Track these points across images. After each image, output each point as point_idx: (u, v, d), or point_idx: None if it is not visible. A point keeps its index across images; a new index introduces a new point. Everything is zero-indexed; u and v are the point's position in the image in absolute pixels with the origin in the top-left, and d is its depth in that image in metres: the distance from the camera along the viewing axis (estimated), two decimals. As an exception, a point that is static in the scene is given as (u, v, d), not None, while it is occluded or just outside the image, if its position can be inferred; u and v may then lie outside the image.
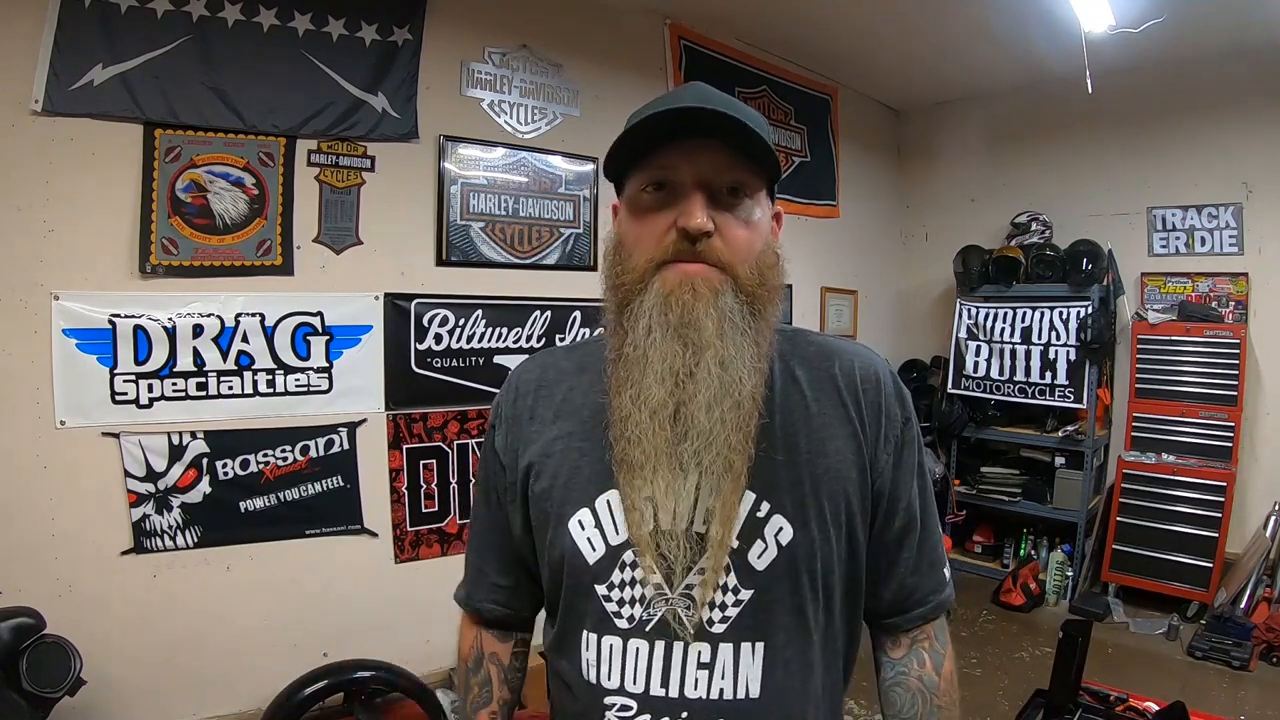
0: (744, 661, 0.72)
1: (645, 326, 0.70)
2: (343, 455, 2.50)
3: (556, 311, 2.98)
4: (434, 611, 2.61)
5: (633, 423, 0.70)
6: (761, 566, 0.72)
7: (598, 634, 0.75)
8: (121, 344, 2.11)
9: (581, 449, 0.78)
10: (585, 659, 0.76)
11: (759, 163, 0.72)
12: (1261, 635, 3.03)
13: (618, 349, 0.73)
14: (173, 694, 2.21)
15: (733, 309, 0.70)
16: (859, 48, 3.81)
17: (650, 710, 0.73)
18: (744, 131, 0.69)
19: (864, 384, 0.78)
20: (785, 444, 0.75)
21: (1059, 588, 3.73)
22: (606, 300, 0.77)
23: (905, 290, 4.92)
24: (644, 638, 0.73)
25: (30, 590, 1.95)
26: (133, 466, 2.14)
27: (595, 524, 0.75)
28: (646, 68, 3.30)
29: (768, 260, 0.75)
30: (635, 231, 0.74)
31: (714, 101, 0.70)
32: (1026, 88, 4.19)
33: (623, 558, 0.74)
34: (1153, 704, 1.80)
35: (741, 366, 0.70)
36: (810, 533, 0.73)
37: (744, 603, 0.72)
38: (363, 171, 2.52)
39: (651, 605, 0.73)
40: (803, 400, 0.77)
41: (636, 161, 0.73)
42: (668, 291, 0.70)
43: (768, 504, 0.73)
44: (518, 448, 0.81)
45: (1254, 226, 3.62)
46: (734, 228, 0.72)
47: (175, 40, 2.14)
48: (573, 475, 0.77)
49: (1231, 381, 3.49)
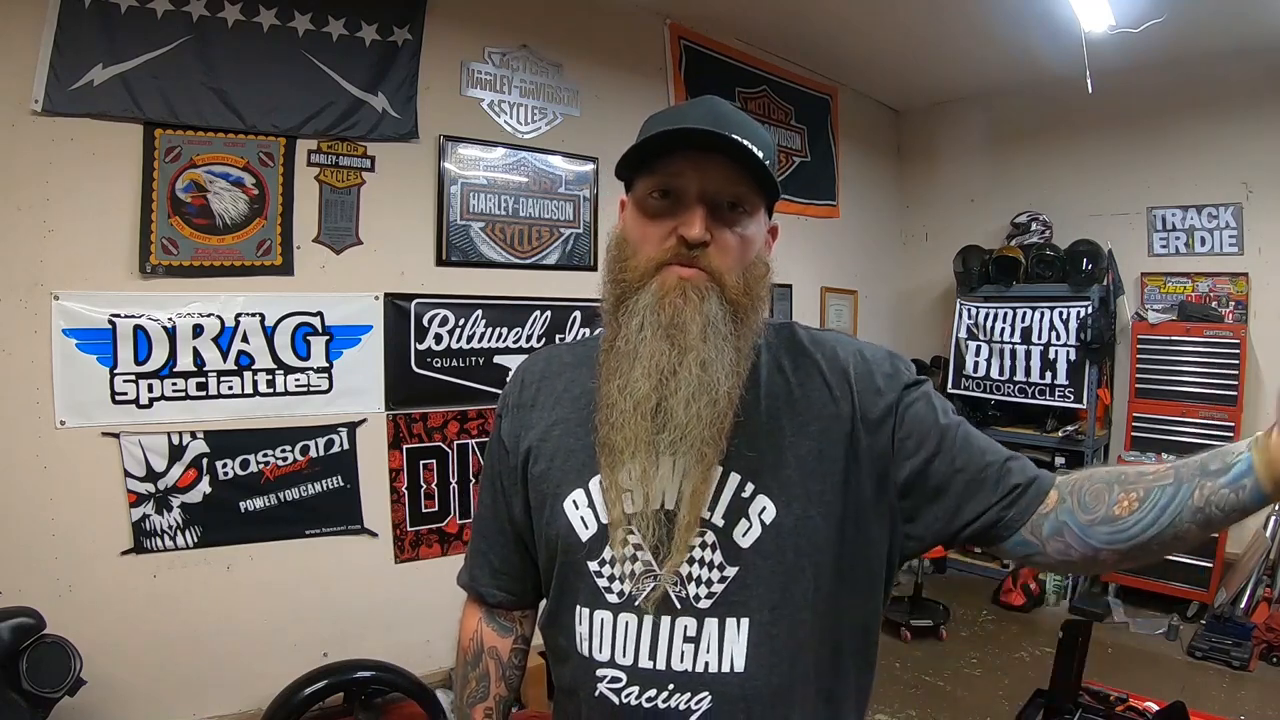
0: (729, 636, 0.75)
1: (638, 323, 0.75)
2: (343, 455, 2.50)
3: (556, 311, 2.98)
4: (434, 611, 2.61)
5: (618, 410, 0.75)
6: (746, 544, 0.76)
7: (590, 608, 0.79)
8: (121, 344, 2.11)
9: (577, 434, 0.83)
10: (579, 632, 0.80)
11: (760, 182, 0.77)
12: (1261, 635, 3.03)
13: (611, 340, 0.78)
14: (173, 694, 2.21)
15: (717, 315, 0.75)
16: (859, 48, 3.81)
17: (639, 682, 0.76)
18: (746, 153, 0.73)
19: (846, 361, 0.82)
20: (770, 428, 0.79)
21: (1059, 588, 3.73)
22: (605, 293, 0.81)
23: (905, 290, 4.92)
24: (633, 612, 0.77)
25: (30, 590, 1.95)
26: (133, 466, 2.14)
27: (589, 503, 0.80)
28: (646, 68, 3.30)
29: (756, 272, 0.79)
30: (640, 232, 0.79)
31: (726, 125, 0.74)
32: (1026, 88, 4.19)
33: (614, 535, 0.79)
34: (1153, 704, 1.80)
35: (720, 368, 0.74)
36: (794, 510, 0.76)
37: (729, 579, 0.76)
38: (363, 171, 2.52)
39: (640, 581, 0.77)
40: (787, 386, 0.81)
41: (647, 165, 0.77)
42: (663, 293, 0.75)
43: (752, 485, 0.77)
44: (519, 433, 0.87)
45: (1254, 226, 3.62)
46: (728, 240, 0.76)
47: (175, 40, 2.14)
48: (568, 458, 0.83)
49: (1231, 381, 3.49)
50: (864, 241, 4.60)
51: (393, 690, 2.24)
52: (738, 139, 0.72)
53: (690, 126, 0.74)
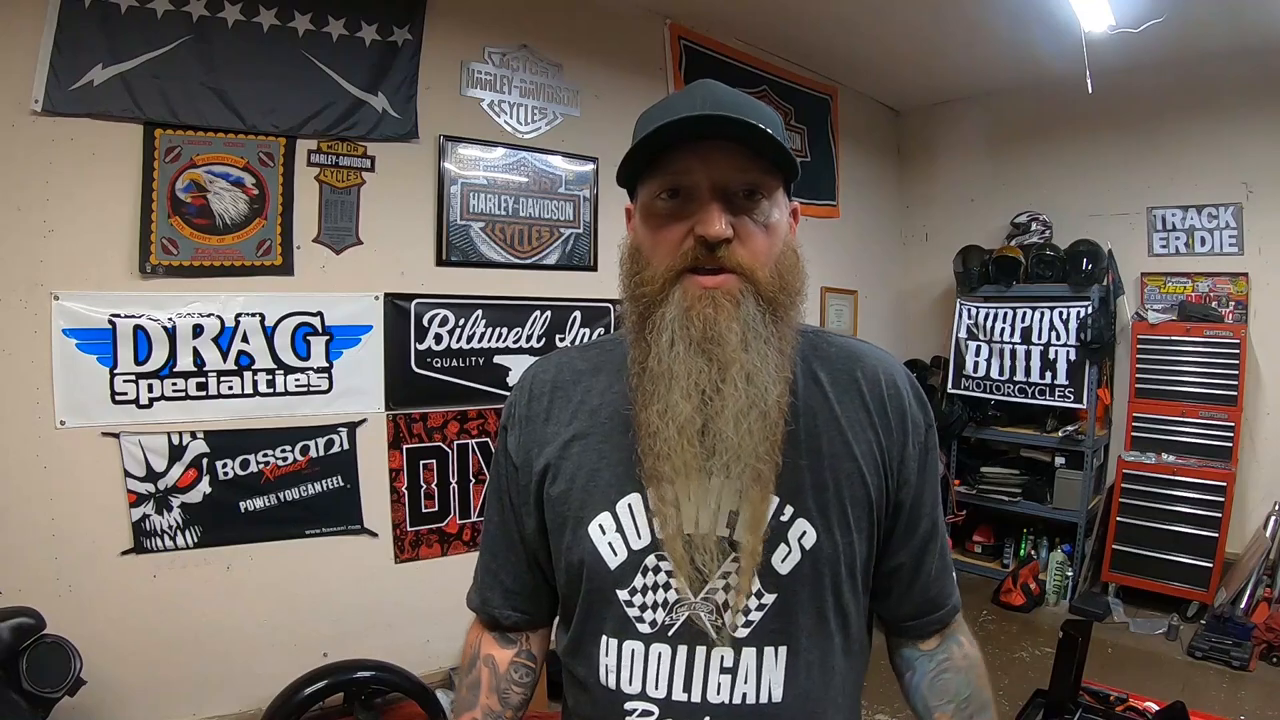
0: (767, 665, 0.72)
1: (669, 340, 0.69)
2: (343, 455, 2.50)
3: (556, 311, 2.98)
4: (434, 611, 2.60)
5: (661, 438, 0.69)
6: (785, 570, 0.72)
7: (618, 639, 0.75)
8: (121, 344, 2.11)
9: (601, 451, 0.77)
10: (604, 664, 0.75)
11: (774, 162, 0.71)
12: (1261, 635, 3.02)
13: (641, 361, 0.72)
14: (173, 694, 2.21)
15: (755, 318, 0.69)
16: (859, 48, 3.80)
17: (672, 715, 0.72)
18: (758, 134, 0.67)
19: (887, 389, 0.78)
20: (809, 447, 0.74)
21: (1059, 588, 3.73)
22: (626, 310, 0.76)
23: (905, 290, 4.92)
24: (666, 642, 0.73)
25: (30, 590, 1.95)
26: (133, 466, 2.14)
27: (616, 528, 0.74)
28: (646, 68, 3.30)
29: (788, 262, 0.73)
30: (652, 240, 0.72)
31: (726, 106, 0.68)
32: (1026, 88, 4.18)
33: (645, 562, 0.73)
34: (1153, 704, 1.80)
35: (766, 376, 0.69)
36: (834, 536, 0.73)
37: (767, 607, 0.72)
38: (363, 171, 2.52)
39: (674, 610, 0.73)
40: (826, 402, 0.76)
41: (648, 166, 0.72)
42: (689, 304, 0.69)
43: (791, 508, 0.73)
44: (531, 449, 0.80)
45: (1254, 226, 3.61)
46: (753, 232, 0.70)
47: (175, 40, 2.14)
48: (591, 478, 0.76)
49: (1231, 381, 3.49)
50: (864, 241, 4.60)
51: (393, 690, 2.24)
52: (742, 118, 0.66)
53: (687, 115, 0.67)
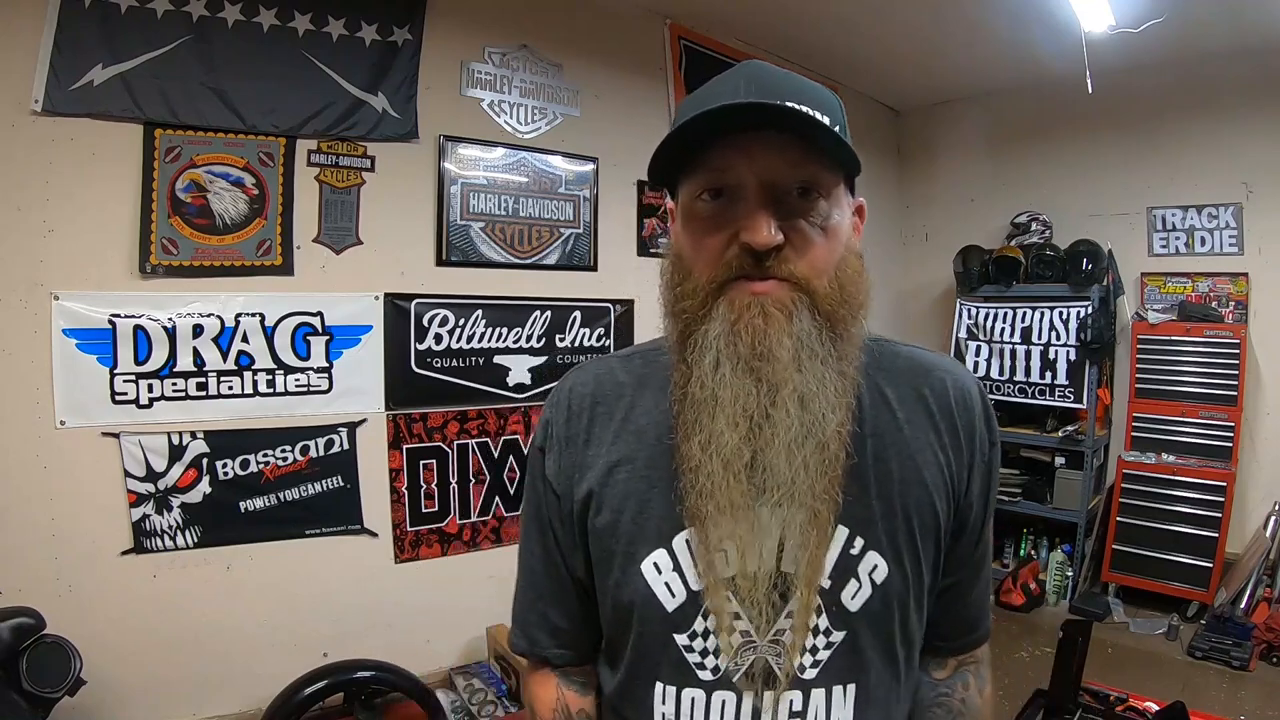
0: (835, 705, 0.68)
1: (713, 361, 0.62)
2: (343, 455, 2.50)
3: (556, 311, 2.98)
4: (434, 611, 2.60)
5: (704, 473, 0.62)
6: (855, 607, 0.67)
7: (676, 686, 0.68)
8: (121, 344, 2.11)
9: (649, 479, 0.69)
10: (661, 713, 0.69)
11: (834, 156, 0.62)
12: (1261, 635, 3.02)
13: (683, 387, 0.65)
14: (173, 694, 2.21)
15: (810, 333, 0.61)
16: (858, 48, 3.80)
17: None
18: (810, 123, 0.58)
19: (957, 405, 0.72)
20: (878, 473, 0.68)
21: (1059, 588, 3.73)
22: (667, 328, 0.68)
23: (905, 290, 4.91)
24: (730, 689, 0.67)
25: (30, 590, 1.95)
26: (133, 466, 2.14)
27: (674, 566, 0.67)
28: (646, 68, 3.30)
29: (850, 270, 0.65)
30: (693, 246, 0.64)
31: (772, 92, 0.60)
32: (1026, 88, 4.18)
33: (707, 604, 0.67)
34: (1153, 704, 1.80)
35: (824, 402, 0.61)
36: (904, 568, 0.68)
37: (835, 645, 0.67)
38: (363, 171, 2.52)
39: (739, 654, 0.67)
40: (894, 422, 0.70)
41: (688, 161, 0.63)
42: (735, 316, 0.61)
43: (861, 540, 0.67)
44: (573, 474, 0.72)
45: (1254, 226, 3.61)
46: (808, 236, 0.62)
47: (175, 40, 2.14)
48: (642, 509, 0.69)
49: (1231, 381, 3.49)
50: (864, 241, 4.53)
51: (393, 690, 2.24)
52: (793, 106, 0.57)
53: (727, 104, 0.58)
